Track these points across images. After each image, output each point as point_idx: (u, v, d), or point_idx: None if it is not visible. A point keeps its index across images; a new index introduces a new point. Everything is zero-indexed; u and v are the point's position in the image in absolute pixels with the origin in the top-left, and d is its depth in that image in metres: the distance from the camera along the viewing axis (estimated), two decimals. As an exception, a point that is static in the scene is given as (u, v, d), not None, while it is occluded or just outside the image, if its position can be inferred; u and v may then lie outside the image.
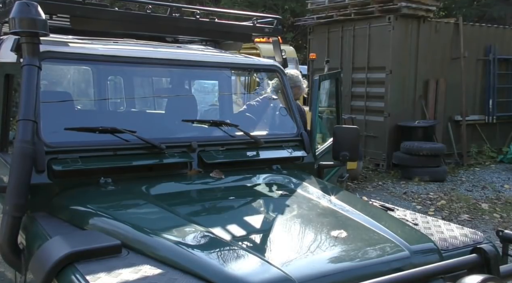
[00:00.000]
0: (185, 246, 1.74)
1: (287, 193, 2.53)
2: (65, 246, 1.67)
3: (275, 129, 3.34)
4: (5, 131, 2.64)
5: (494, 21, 13.71)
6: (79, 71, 4.00)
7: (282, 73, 3.19)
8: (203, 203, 2.46)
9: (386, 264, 1.81)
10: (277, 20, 3.34)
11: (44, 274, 1.59)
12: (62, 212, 2.15)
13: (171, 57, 2.80)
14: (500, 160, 10.57)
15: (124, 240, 1.78)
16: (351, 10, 9.76)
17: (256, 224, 2.14)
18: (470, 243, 2.20)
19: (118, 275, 1.57)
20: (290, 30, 17.77)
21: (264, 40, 7.06)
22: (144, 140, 2.46)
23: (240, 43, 3.61)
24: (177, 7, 3.08)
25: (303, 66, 11.62)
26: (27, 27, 2.03)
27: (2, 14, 2.70)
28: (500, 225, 6.22)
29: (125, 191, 2.33)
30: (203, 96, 4.33)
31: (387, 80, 9.31)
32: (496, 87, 10.75)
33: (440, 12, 15.67)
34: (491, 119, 10.76)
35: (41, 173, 2.19)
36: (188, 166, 2.61)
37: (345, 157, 3.08)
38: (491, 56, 10.66)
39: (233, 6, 16.27)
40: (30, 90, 2.07)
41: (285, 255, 1.76)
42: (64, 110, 2.71)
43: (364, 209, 2.34)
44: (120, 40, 3.03)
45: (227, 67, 3.21)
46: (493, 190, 8.18)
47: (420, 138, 9.19)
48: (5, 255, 1.98)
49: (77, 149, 2.32)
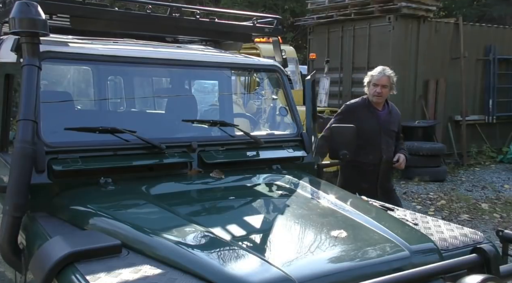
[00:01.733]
0: (185, 246, 1.74)
1: (287, 193, 2.53)
2: (65, 246, 1.67)
3: (275, 129, 3.35)
4: (5, 131, 2.64)
5: (494, 21, 13.71)
6: (79, 71, 4.00)
7: (282, 73, 3.19)
8: (203, 203, 2.46)
9: (386, 264, 1.81)
10: (277, 20, 3.34)
11: (44, 274, 1.59)
12: (62, 212, 2.15)
13: (171, 57, 2.80)
14: (500, 160, 10.57)
15: (124, 240, 1.78)
16: (351, 10, 9.76)
17: (256, 224, 2.14)
18: (470, 243, 2.20)
19: (118, 275, 1.57)
20: (290, 30, 17.76)
21: (264, 40, 7.05)
22: (144, 140, 2.46)
23: (240, 43, 3.61)
24: (177, 7, 3.08)
25: (303, 66, 11.62)
26: (27, 27, 2.03)
27: (2, 14, 2.70)
28: (500, 225, 6.22)
29: (125, 191, 2.34)
30: (203, 96, 4.32)
31: (387, 80, 9.30)
32: (496, 87, 10.75)
33: (440, 12, 15.66)
34: (491, 119, 10.77)
35: (41, 173, 2.19)
36: (188, 166, 2.61)
37: (345, 156, 3.10)
38: (491, 56, 10.66)
39: (233, 6, 16.26)
40: (30, 90, 2.07)
41: (285, 255, 1.76)
42: (64, 110, 2.71)
43: (364, 209, 2.34)
44: (120, 40, 3.03)
45: (227, 67, 3.21)
46: (493, 190, 8.18)
47: (420, 138, 9.19)
48: (5, 255, 1.99)
49: (77, 149, 2.32)
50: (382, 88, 4.10)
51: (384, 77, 4.11)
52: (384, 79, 4.11)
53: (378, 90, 4.10)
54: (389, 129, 4.19)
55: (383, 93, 4.11)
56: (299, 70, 10.69)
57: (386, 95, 4.16)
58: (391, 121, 4.22)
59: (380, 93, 4.11)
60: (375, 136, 4.11)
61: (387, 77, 4.12)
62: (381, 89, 4.10)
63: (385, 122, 4.19)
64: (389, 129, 4.19)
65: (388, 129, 4.18)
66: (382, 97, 4.15)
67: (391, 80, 4.14)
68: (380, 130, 4.14)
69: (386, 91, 4.13)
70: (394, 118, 4.26)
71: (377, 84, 4.11)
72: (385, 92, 4.13)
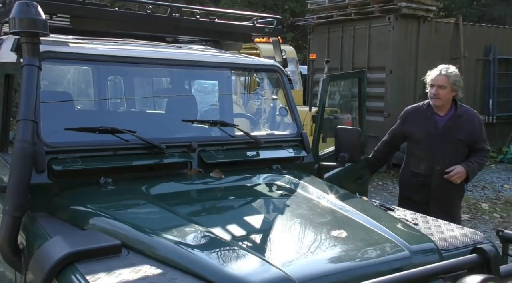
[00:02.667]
0: (185, 246, 1.74)
1: (287, 193, 2.53)
2: (65, 246, 1.67)
3: (275, 129, 3.35)
4: (5, 131, 2.64)
5: (494, 21, 13.72)
6: (79, 71, 4.00)
7: (282, 73, 3.19)
8: (203, 203, 2.46)
9: (386, 264, 1.82)
10: (277, 20, 3.34)
11: (44, 274, 1.59)
12: (62, 212, 2.15)
13: (171, 57, 2.80)
14: (500, 160, 10.57)
15: (124, 240, 1.78)
16: (351, 10, 9.76)
17: (256, 224, 2.14)
18: (470, 243, 2.20)
19: (118, 275, 1.57)
20: (290, 30, 17.76)
21: (264, 40, 7.06)
22: (144, 140, 2.46)
23: (240, 43, 3.61)
24: (177, 7, 3.08)
25: (303, 66, 11.62)
26: (27, 27, 2.03)
27: (2, 14, 2.70)
28: (500, 225, 6.22)
29: (125, 191, 2.34)
30: (203, 96, 4.33)
31: (387, 80, 9.31)
32: (496, 87, 10.75)
33: (440, 12, 15.67)
34: (491, 119, 10.76)
35: (41, 173, 2.19)
36: (188, 166, 2.61)
37: (343, 158, 3.07)
38: (491, 56, 10.66)
39: (233, 6, 16.26)
40: (30, 90, 2.07)
41: (285, 255, 1.76)
42: (64, 110, 2.71)
43: (364, 209, 2.34)
44: (120, 40, 3.03)
45: (227, 67, 3.21)
46: (493, 190, 8.18)
47: (420, 138, 9.18)
48: (5, 255, 1.98)
49: (77, 149, 2.32)
50: (438, 88, 3.58)
51: (441, 76, 3.60)
52: (440, 79, 3.60)
53: (433, 91, 3.60)
54: (451, 137, 3.58)
55: (440, 94, 3.58)
56: (299, 70, 10.70)
57: (446, 97, 3.60)
58: (457, 128, 3.60)
59: (436, 94, 3.59)
60: (428, 143, 3.62)
61: (444, 77, 3.59)
62: (437, 90, 3.58)
63: (446, 128, 3.61)
64: (452, 137, 3.58)
65: (450, 137, 3.58)
66: (440, 99, 3.60)
67: (451, 79, 3.58)
68: (437, 136, 3.60)
69: (444, 93, 3.58)
70: (464, 125, 3.61)
71: (433, 84, 3.64)
72: (443, 93, 3.58)
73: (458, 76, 3.64)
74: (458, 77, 3.63)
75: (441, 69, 3.66)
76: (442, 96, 3.60)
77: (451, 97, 3.64)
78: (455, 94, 3.64)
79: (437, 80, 3.63)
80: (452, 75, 3.61)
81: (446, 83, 3.58)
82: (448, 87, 3.58)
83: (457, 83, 3.61)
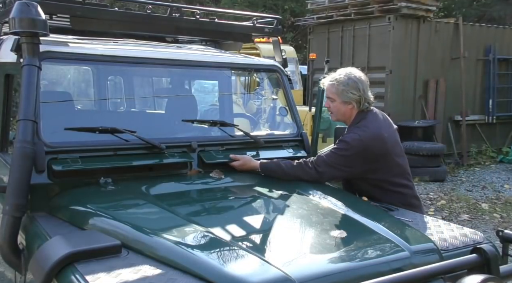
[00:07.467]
0: (185, 246, 1.74)
1: (287, 193, 2.53)
2: (65, 246, 1.67)
3: (275, 129, 3.35)
4: (5, 131, 2.65)
5: (494, 21, 13.73)
6: (79, 71, 4.01)
7: (282, 73, 3.19)
8: (203, 203, 2.46)
9: (386, 264, 1.81)
10: (277, 20, 3.34)
11: (44, 274, 1.59)
12: (62, 212, 2.15)
13: (171, 57, 2.80)
14: (500, 160, 10.58)
15: (124, 240, 1.78)
16: (351, 10, 9.77)
17: (256, 224, 2.14)
18: (470, 243, 2.20)
19: (118, 275, 1.57)
20: (290, 30, 17.77)
21: (264, 40, 7.05)
22: (144, 140, 2.46)
23: (240, 43, 3.61)
24: (177, 7, 3.08)
25: (303, 66, 11.62)
26: (27, 27, 2.03)
27: (2, 14, 2.70)
28: (500, 225, 6.22)
29: (125, 191, 2.33)
30: (203, 96, 4.33)
31: (387, 80, 9.31)
32: (496, 87, 10.76)
33: (440, 12, 15.66)
34: (491, 119, 10.77)
35: (41, 173, 2.19)
36: (188, 166, 2.61)
37: None
38: (491, 56, 10.67)
39: (233, 6, 16.26)
40: (30, 90, 2.07)
41: (285, 255, 1.76)
42: (64, 110, 2.72)
43: (364, 209, 2.34)
44: (120, 40, 3.03)
45: (227, 67, 3.21)
46: (493, 190, 8.18)
47: (420, 138, 9.19)
48: (5, 255, 1.98)
49: (77, 149, 2.32)
50: (328, 100, 2.86)
51: (329, 85, 2.82)
52: (327, 89, 2.84)
53: (326, 104, 2.92)
54: None
55: (331, 108, 2.84)
56: (299, 70, 10.70)
57: (338, 112, 2.81)
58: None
59: (328, 108, 2.88)
60: None
61: (330, 86, 2.81)
62: (328, 102, 2.87)
63: None
64: None
65: None
66: (334, 114, 2.85)
67: (338, 89, 2.75)
68: None
69: (334, 106, 2.82)
70: None
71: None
72: (333, 107, 2.82)
73: (352, 83, 2.73)
74: (350, 86, 2.72)
75: (333, 75, 2.82)
76: (334, 110, 2.83)
77: (349, 111, 2.78)
78: (352, 106, 2.76)
79: (326, 90, 2.86)
80: (340, 83, 2.74)
81: (332, 94, 2.79)
82: (337, 100, 2.78)
83: (350, 93, 2.72)
